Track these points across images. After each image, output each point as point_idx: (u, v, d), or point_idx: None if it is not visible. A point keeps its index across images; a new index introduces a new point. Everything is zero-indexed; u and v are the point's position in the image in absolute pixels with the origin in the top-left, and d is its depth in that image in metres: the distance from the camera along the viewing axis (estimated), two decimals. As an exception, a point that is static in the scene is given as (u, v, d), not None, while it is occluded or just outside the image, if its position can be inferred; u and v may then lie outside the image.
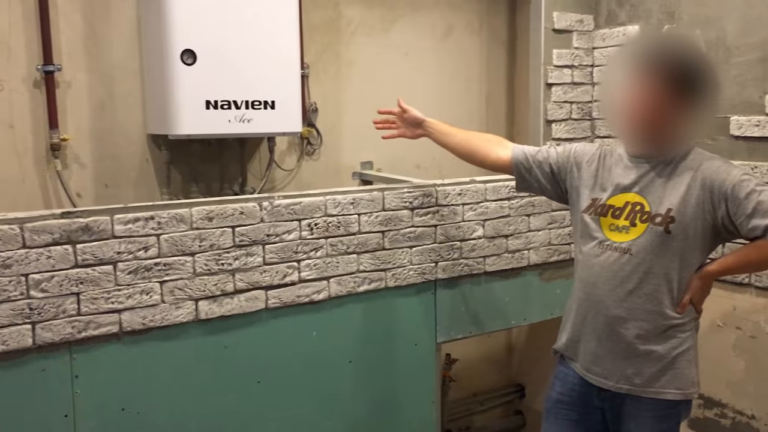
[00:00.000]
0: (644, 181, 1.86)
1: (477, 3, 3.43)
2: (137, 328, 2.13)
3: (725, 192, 1.75)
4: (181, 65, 2.35)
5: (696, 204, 1.78)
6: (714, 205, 1.77)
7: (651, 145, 1.86)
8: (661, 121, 1.79)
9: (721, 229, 1.80)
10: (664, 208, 1.81)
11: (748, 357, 2.59)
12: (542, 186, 2.12)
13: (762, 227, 1.71)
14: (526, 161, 2.12)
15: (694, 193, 1.79)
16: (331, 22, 3.06)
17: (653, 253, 1.82)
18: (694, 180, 1.79)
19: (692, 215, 1.79)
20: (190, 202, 2.21)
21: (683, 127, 1.83)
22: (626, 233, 1.87)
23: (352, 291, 2.50)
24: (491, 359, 3.71)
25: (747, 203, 1.72)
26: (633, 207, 1.87)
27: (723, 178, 1.76)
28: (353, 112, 3.16)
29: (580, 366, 1.99)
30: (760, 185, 1.74)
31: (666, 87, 1.75)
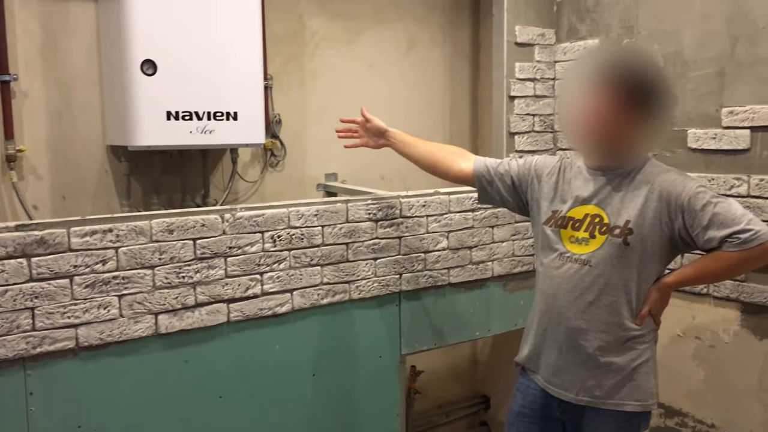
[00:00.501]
0: (603, 193, 1.88)
1: (440, 16, 3.46)
2: (94, 343, 2.08)
3: (682, 204, 1.78)
4: (141, 75, 2.32)
5: (653, 216, 1.81)
6: (671, 217, 1.80)
7: (607, 156, 1.88)
8: (617, 133, 1.81)
9: (678, 240, 1.82)
10: (623, 220, 1.83)
11: (708, 366, 2.63)
12: (503, 198, 2.13)
13: (718, 238, 1.73)
14: (488, 174, 2.13)
15: (652, 205, 1.81)
16: (294, 34, 3.05)
17: (612, 264, 1.84)
18: (651, 192, 1.82)
19: (650, 227, 1.81)
20: (150, 214, 2.17)
21: (639, 139, 1.85)
22: (586, 245, 1.88)
23: (316, 303, 2.48)
24: (456, 371, 3.71)
25: (703, 215, 1.75)
26: (592, 219, 1.89)
27: (679, 190, 1.79)
28: (317, 124, 3.15)
29: (542, 378, 2.00)
30: (715, 197, 1.76)
31: (622, 99, 1.77)
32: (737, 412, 2.54)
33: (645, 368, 1.88)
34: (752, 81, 2.42)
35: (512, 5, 2.96)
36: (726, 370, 2.57)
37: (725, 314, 2.55)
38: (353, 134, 2.36)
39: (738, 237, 1.71)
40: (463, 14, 3.53)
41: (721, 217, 1.73)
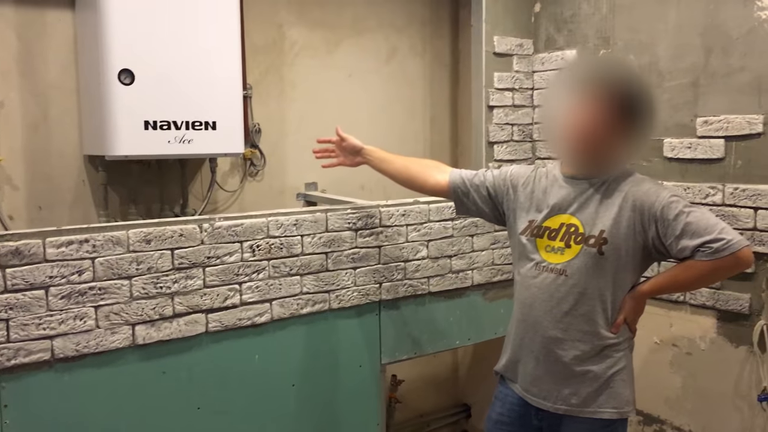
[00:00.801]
0: (578, 202, 1.90)
1: (420, 26, 3.48)
2: (70, 354, 2.06)
3: (655, 213, 1.79)
4: (118, 85, 2.31)
5: (627, 225, 1.82)
6: (644, 227, 1.81)
7: (591, 165, 1.89)
8: (601, 141, 1.82)
9: (651, 249, 1.84)
10: (597, 230, 1.85)
11: (685, 373, 2.65)
12: (480, 209, 2.14)
13: (690, 248, 1.75)
14: (464, 185, 2.14)
15: (626, 215, 1.83)
16: (274, 44, 3.05)
17: (587, 274, 1.85)
18: (625, 201, 1.83)
19: (624, 236, 1.83)
20: (127, 224, 2.16)
21: (624, 148, 1.87)
22: (561, 254, 1.90)
23: (295, 313, 2.47)
24: (437, 380, 3.71)
25: (676, 224, 1.77)
26: (568, 228, 1.90)
27: (653, 200, 1.80)
28: (297, 133, 3.15)
29: (519, 387, 2.01)
30: (688, 206, 1.78)
31: (607, 108, 1.79)
32: (714, 418, 2.56)
33: (621, 376, 1.89)
34: (726, 91, 2.46)
35: (491, 16, 2.99)
36: (703, 377, 2.59)
37: (702, 322, 2.58)
38: (330, 153, 2.38)
39: (710, 246, 1.73)
40: (443, 25, 3.55)
41: (694, 227, 1.75)
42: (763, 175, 2.36)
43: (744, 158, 2.42)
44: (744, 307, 2.44)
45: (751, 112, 2.39)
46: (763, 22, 2.34)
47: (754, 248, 2.35)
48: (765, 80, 2.34)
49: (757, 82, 2.36)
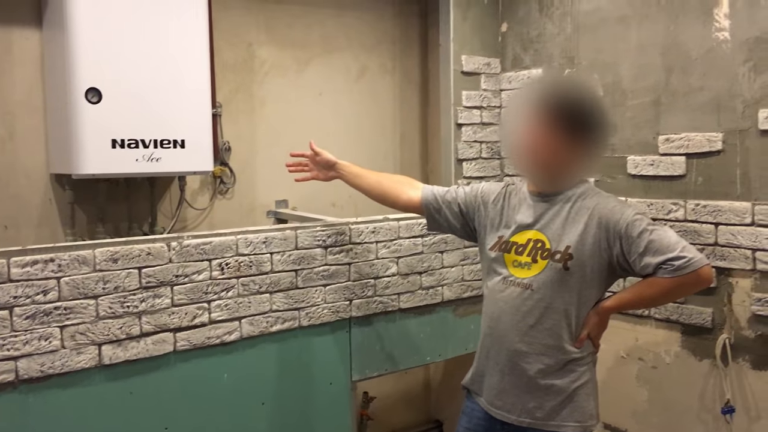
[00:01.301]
0: (545, 218, 1.94)
1: (390, 45, 3.52)
2: (35, 375, 2.04)
3: (619, 231, 1.83)
4: (85, 104, 2.30)
5: (593, 242, 1.86)
6: (609, 243, 1.85)
7: (548, 181, 1.94)
8: (556, 158, 1.87)
9: (616, 266, 1.88)
10: (563, 246, 1.88)
11: (651, 387, 2.69)
12: (451, 225, 2.17)
13: (653, 265, 1.80)
14: (435, 202, 2.17)
15: (591, 232, 1.87)
16: (244, 62, 3.07)
17: (553, 288, 1.89)
18: (591, 219, 1.88)
19: (589, 252, 1.87)
20: (94, 243, 2.14)
21: (578, 163, 1.91)
22: (528, 269, 1.93)
23: (265, 331, 2.47)
24: (409, 396, 3.71)
25: (639, 242, 1.81)
26: (534, 244, 1.94)
27: (617, 217, 1.85)
28: (267, 151, 3.16)
29: (485, 400, 2.03)
30: (651, 225, 1.83)
31: (560, 126, 1.84)
32: (679, 431, 2.60)
33: (585, 390, 1.92)
34: (686, 110, 2.52)
35: (459, 36, 3.03)
36: (668, 390, 2.63)
37: (666, 336, 2.62)
38: (303, 168, 2.38)
39: (672, 264, 1.77)
40: (412, 44, 3.59)
41: (657, 244, 1.79)
42: (723, 192, 2.42)
43: (704, 175, 2.47)
44: (707, 321, 2.48)
45: (711, 130, 2.45)
46: (721, 42, 2.41)
47: (715, 263, 2.42)
48: (723, 99, 2.41)
49: (716, 100, 2.43)
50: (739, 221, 2.37)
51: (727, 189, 2.41)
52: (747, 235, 2.35)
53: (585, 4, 2.83)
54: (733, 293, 2.41)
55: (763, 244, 2.31)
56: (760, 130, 2.31)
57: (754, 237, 2.33)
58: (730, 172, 2.40)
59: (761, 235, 2.32)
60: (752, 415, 2.39)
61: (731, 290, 2.42)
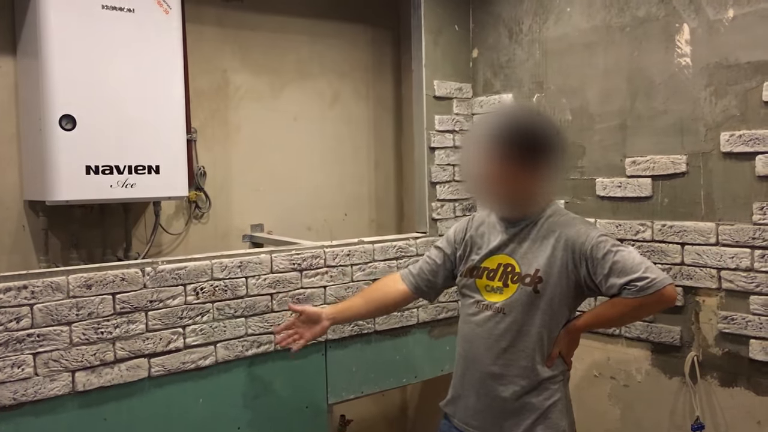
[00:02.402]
0: (513, 243, 1.99)
1: (363, 71, 3.57)
2: (7, 403, 2.03)
3: (585, 253, 1.89)
4: (59, 130, 2.31)
5: (561, 264, 1.91)
6: (576, 265, 1.90)
7: (509, 208, 2.00)
8: (511, 185, 1.91)
9: (584, 286, 1.93)
10: (533, 269, 1.93)
11: (623, 405, 2.73)
12: (447, 284, 2.21)
13: (618, 285, 1.85)
14: (424, 283, 2.20)
15: (559, 255, 1.91)
16: (218, 89, 3.10)
17: (524, 311, 1.93)
18: (558, 242, 1.92)
19: (557, 275, 1.91)
20: (67, 269, 2.14)
21: (536, 189, 1.95)
22: (500, 294, 1.98)
23: (240, 355, 2.48)
24: (386, 418, 3.72)
25: (604, 263, 1.86)
26: (505, 268, 1.99)
27: (582, 239, 1.90)
28: (243, 176, 3.18)
29: (459, 421, 2.06)
30: (615, 246, 1.88)
31: (511, 155, 1.87)
32: (652, 448, 2.64)
33: (558, 407, 1.95)
34: (651, 133, 2.59)
35: (431, 61, 3.09)
36: (639, 408, 2.67)
37: (637, 354, 2.66)
38: (294, 335, 2.24)
39: (635, 284, 1.83)
40: (385, 69, 3.65)
41: (620, 265, 1.85)
42: (688, 212, 2.48)
43: (670, 196, 2.54)
44: (675, 339, 2.53)
45: (675, 153, 2.52)
46: (683, 68, 2.49)
47: (682, 282, 2.48)
48: (687, 122, 2.48)
49: (680, 124, 2.50)
50: (704, 241, 2.43)
51: (692, 210, 2.47)
52: (712, 254, 2.41)
53: (553, 31, 2.91)
54: (700, 311, 2.46)
55: (727, 263, 2.37)
56: (722, 153, 2.38)
57: (719, 256, 2.39)
58: (694, 193, 2.47)
59: (725, 255, 2.38)
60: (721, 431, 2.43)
61: (698, 309, 2.47)
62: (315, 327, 2.22)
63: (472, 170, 2.02)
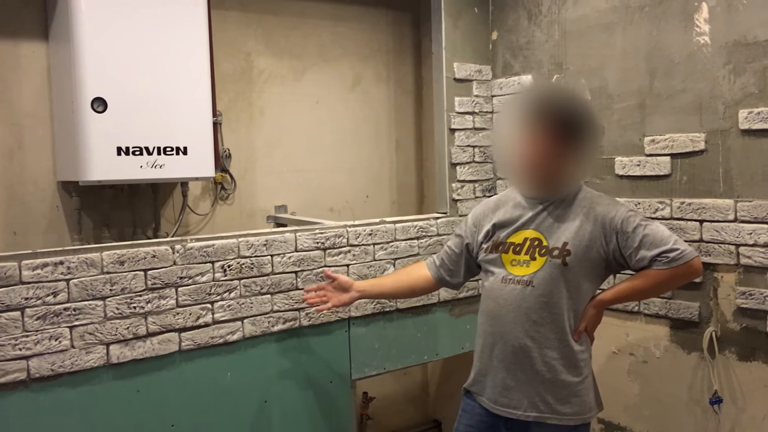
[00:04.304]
0: (540, 218, 2.03)
1: (384, 54, 3.61)
2: (46, 374, 2.12)
3: (615, 226, 1.93)
4: (91, 113, 2.38)
5: (590, 238, 1.95)
6: (606, 239, 1.94)
7: (542, 188, 2.03)
8: (548, 165, 1.96)
9: (612, 261, 1.97)
10: (561, 242, 1.97)
11: (641, 381, 2.77)
12: (472, 270, 2.25)
13: (648, 258, 1.90)
14: (447, 271, 2.26)
15: (588, 228, 1.95)
16: (243, 72, 3.16)
17: (553, 284, 1.96)
18: (587, 216, 1.97)
19: (586, 248, 1.95)
20: (101, 246, 2.23)
21: (571, 169, 2.00)
22: (527, 267, 2.01)
23: (267, 331, 2.55)
24: (408, 396, 3.78)
25: (635, 236, 1.91)
26: (532, 242, 2.02)
27: (613, 215, 1.94)
28: (267, 158, 3.24)
29: (487, 399, 2.08)
30: (644, 220, 1.94)
31: (551, 134, 1.92)
32: (670, 423, 2.67)
33: (586, 383, 2.00)
34: (670, 112, 2.61)
35: (450, 44, 3.13)
36: (658, 384, 2.71)
37: (656, 330, 2.70)
38: (322, 298, 2.32)
39: (667, 256, 1.88)
40: (406, 52, 3.69)
41: (651, 238, 1.90)
42: (707, 190, 2.51)
43: (689, 174, 2.56)
44: (694, 315, 2.56)
45: (694, 131, 2.54)
46: (702, 46, 2.50)
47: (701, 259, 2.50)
48: (705, 101, 2.50)
49: (698, 102, 2.52)
50: (723, 218, 2.46)
51: (711, 187, 2.50)
52: (730, 231, 2.44)
53: (572, 12, 2.93)
54: (719, 287, 2.49)
55: (745, 240, 2.40)
56: (741, 130, 2.40)
57: (737, 233, 2.42)
58: (713, 170, 2.49)
59: (744, 231, 2.40)
60: (739, 405, 2.46)
61: (717, 285, 2.50)
62: (343, 295, 2.30)
63: (508, 149, 2.07)
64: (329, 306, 2.32)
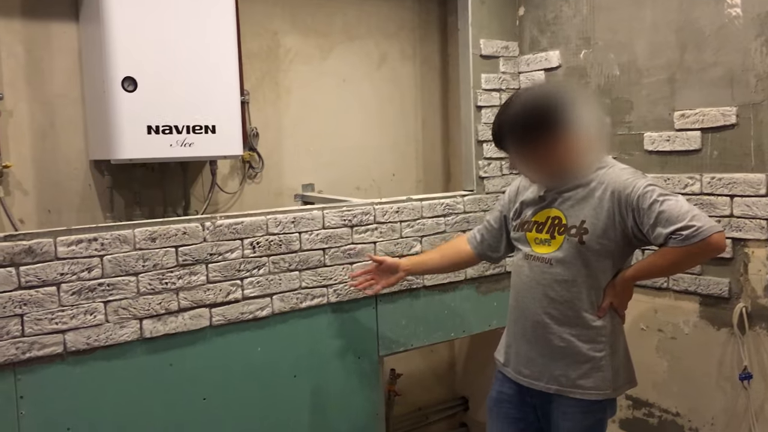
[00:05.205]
0: (563, 197, 2.03)
1: (410, 32, 3.60)
2: (81, 348, 2.17)
3: (631, 203, 1.90)
4: (122, 92, 2.42)
5: (607, 215, 1.93)
6: (623, 216, 1.92)
7: (552, 180, 2.04)
8: (542, 165, 1.99)
9: (632, 237, 1.95)
10: (579, 221, 1.97)
11: (670, 357, 2.76)
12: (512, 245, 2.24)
13: (664, 235, 1.85)
14: (484, 245, 2.30)
15: (606, 205, 1.94)
16: (269, 51, 3.17)
17: (571, 262, 1.97)
18: (604, 192, 1.95)
19: (604, 226, 1.94)
20: (133, 223, 2.27)
21: (567, 160, 1.97)
22: (548, 246, 2.03)
23: (295, 307, 2.58)
24: (435, 373, 3.81)
25: (650, 213, 1.86)
26: (553, 221, 2.03)
27: (629, 191, 1.91)
28: (294, 137, 3.26)
29: (512, 370, 2.13)
30: (663, 195, 1.87)
31: (523, 146, 1.96)
32: (699, 399, 2.66)
33: (609, 359, 2.00)
34: (700, 85, 2.57)
35: (477, 20, 3.11)
36: (687, 361, 2.70)
37: (685, 307, 2.68)
38: (369, 281, 2.43)
39: (681, 234, 1.82)
40: (432, 29, 3.67)
41: (667, 215, 1.84)
42: (737, 164, 2.47)
43: (719, 149, 2.53)
44: (724, 291, 2.54)
45: (725, 105, 2.50)
46: (734, 18, 2.46)
47: (731, 234, 2.48)
48: (736, 74, 2.46)
49: (729, 75, 2.48)
50: (754, 192, 2.43)
51: (742, 162, 2.46)
52: (761, 206, 2.41)
53: (600, -14, 2.90)
54: (749, 263, 2.47)
55: (777, 215, 2.37)
56: (773, 103, 2.37)
57: (769, 208, 2.39)
58: (744, 145, 2.46)
59: (775, 206, 2.37)
60: (769, 381, 2.45)
61: (747, 260, 2.47)
62: (391, 277, 2.39)
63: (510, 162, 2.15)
64: (378, 288, 2.42)
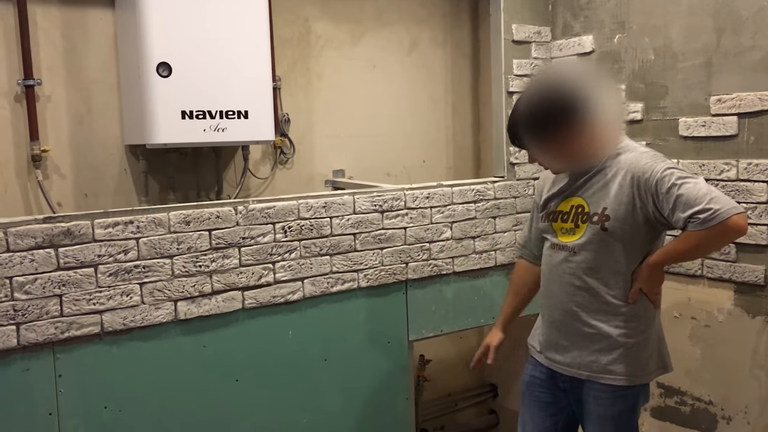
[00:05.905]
0: (585, 185, 2.02)
1: (441, 18, 3.58)
2: (118, 328, 2.22)
3: (650, 188, 1.87)
4: (157, 77, 2.45)
5: (628, 201, 1.91)
6: (643, 200, 1.90)
7: (568, 168, 2.05)
8: (559, 154, 1.98)
9: (654, 221, 1.92)
10: (600, 208, 1.96)
11: (704, 345, 2.73)
12: None
13: (682, 219, 1.81)
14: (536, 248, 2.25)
15: (626, 191, 1.92)
16: (300, 37, 3.18)
17: (594, 250, 1.97)
18: (624, 179, 1.93)
19: (625, 211, 1.92)
20: (168, 207, 2.30)
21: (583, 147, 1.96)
22: (572, 234, 2.03)
23: (326, 291, 2.61)
24: (464, 359, 3.81)
25: (669, 197, 1.83)
26: (576, 209, 2.04)
27: (648, 175, 1.88)
28: (325, 123, 3.27)
29: (544, 356, 2.14)
30: (681, 177, 1.83)
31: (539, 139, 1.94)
32: (732, 388, 2.63)
33: (642, 345, 2.00)
34: (738, 70, 2.53)
35: (509, 5, 3.08)
36: (721, 349, 2.67)
37: (719, 294, 2.65)
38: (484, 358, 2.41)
39: (698, 217, 1.78)
40: (463, 15, 3.65)
41: (684, 198, 1.81)
42: (776, 150, 2.44)
43: (756, 134, 2.49)
44: (759, 278, 2.51)
45: (763, 89, 2.46)
46: (773, 1, 2.41)
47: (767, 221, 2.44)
48: (776, 58, 2.42)
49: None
50: (792, 179, 2.39)
51: (780, 147, 2.42)
52: (800, 192, 2.37)
53: (635, -31, 2.85)
54: (786, 250, 2.43)
55: (816, 201, 2.33)
56: (813, 87, 2.32)
57: (807, 194, 2.35)
58: (782, 130, 2.42)
59: (814, 192, 2.33)
60: (805, 371, 2.42)
61: (784, 248, 2.44)
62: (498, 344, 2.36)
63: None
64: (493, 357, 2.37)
